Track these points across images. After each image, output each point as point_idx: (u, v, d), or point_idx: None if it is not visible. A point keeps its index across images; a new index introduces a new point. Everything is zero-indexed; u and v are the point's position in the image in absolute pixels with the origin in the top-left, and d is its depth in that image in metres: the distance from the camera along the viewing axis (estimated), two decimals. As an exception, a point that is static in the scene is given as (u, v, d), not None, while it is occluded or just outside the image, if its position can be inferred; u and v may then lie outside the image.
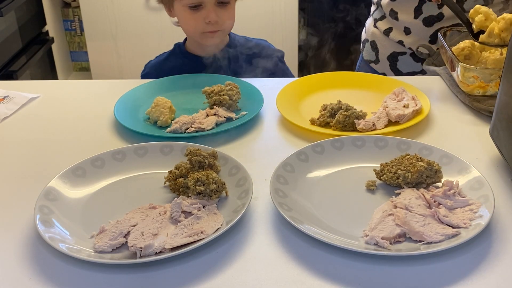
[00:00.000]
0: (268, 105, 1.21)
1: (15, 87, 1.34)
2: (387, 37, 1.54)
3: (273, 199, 0.86)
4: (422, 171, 0.90)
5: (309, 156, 0.99)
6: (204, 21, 1.40)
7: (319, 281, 0.75)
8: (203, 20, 1.40)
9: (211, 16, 1.39)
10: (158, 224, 0.84)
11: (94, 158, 0.99)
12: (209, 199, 0.89)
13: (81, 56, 3.51)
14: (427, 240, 0.79)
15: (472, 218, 0.83)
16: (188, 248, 0.78)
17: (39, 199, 0.88)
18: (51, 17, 3.21)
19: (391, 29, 1.53)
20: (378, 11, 1.57)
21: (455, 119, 1.15)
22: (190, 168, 0.93)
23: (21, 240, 0.83)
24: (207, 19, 1.39)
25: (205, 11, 1.40)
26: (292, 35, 3.11)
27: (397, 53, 1.54)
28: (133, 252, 0.79)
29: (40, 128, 1.17)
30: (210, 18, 1.39)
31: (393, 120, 1.11)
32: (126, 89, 1.27)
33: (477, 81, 1.16)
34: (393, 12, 1.51)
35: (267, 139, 1.12)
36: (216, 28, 1.42)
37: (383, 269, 0.77)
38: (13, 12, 2.65)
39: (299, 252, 0.80)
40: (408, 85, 1.24)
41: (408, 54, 1.53)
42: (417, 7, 1.46)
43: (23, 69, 2.68)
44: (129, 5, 3.07)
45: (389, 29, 1.54)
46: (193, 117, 1.15)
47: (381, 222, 0.83)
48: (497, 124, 0.96)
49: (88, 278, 0.76)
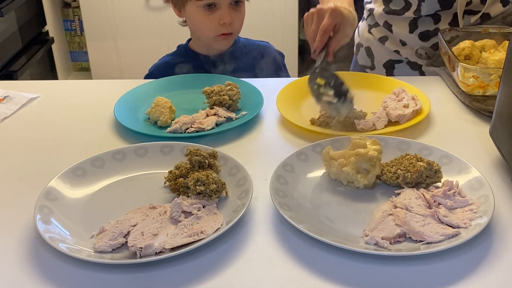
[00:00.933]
0: (268, 105, 1.21)
1: (15, 87, 1.34)
2: (383, 45, 1.51)
3: (273, 199, 0.86)
4: (422, 171, 0.90)
5: (309, 156, 0.99)
6: (219, 22, 1.40)
7: (319, 281, 0.75)
8: (217, 21, 1.40)
9: (226, 17, 1.39)
10: (158, 224, 0.84)
11: (94, 158, 0.99)
12: (209, 199, 0.89)
13: (81, 56, 3.51)
14: (427, 240, 0.79)
15: (472, 218, 0.83)
16: (188, 248, 0.78)
17: (39, 199, 0.88)
18: (51, 17, 3.21)
19: (386, 38, 1.49)
20: (371, 18, 1.54)
21: (455, 119, 1.15)
22: (190, 168, 0.93)
23: (21, 240, 0.83)
24: (222, 20, 1.40)
25: (220, 12, 1.40)
26: (292, 35, 3.11)
27: (393, 61, 1.50)
28: (133, 252, 0.79)
29: (40, 128, 1.17)
30: (224, 19, 1.39)
31: (393, 120, 1.11)
32: (126, 89, 1.27)
33: (477, 81, 1.16)
34: (387, 24, 1.47)
35: (267, 139, 1.12)
36: (229, 30, 1.42)
37: (383, 269, 0.77)
38: (13, 12, 2.65)
39: (299, 252, 0.80)
40: (408, 85, 1.23)
41: (405, 62, 1.49)
42: (412, 22, 1.42)
43: (23, 69, 2.68)
44: (129, 5, 3.07)
45: (384, 37, 1.50)
46: (193, 117, 1.15)
47: (381, 222, 0.83)
48: (497, 124, 0.96)
49: (88, 278, 0.76)
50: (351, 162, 0.92)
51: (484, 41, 1.30)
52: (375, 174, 0.91)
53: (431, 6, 1.37)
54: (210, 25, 1.41)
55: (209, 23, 1.41)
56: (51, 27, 3.17)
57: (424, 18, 1.41)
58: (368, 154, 0.92)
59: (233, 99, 1.19)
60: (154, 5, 3.04)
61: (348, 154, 0.93)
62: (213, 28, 1.41)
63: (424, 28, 1.42)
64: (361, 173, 0.91)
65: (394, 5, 1.44)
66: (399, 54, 1.49)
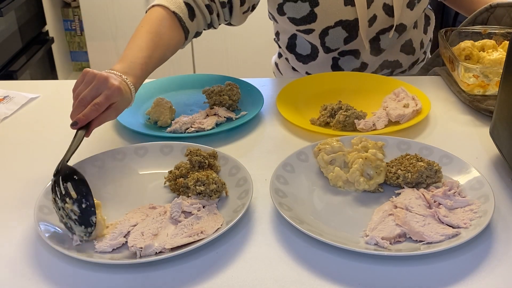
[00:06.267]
0: (268, 105, 1.21)
1: (15, 87, 1.34)
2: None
3: (273, 199, 0.86)
4: (422, 171, 0.90)
5: (309, 156, 0.99)
6: None
7: (319, 281, 0.75)
8: None
9: None
10: (158, 224, 0.84)
11: (94, 158, 0.99)
12: (209, 199, 0.89)
13: (81, 56, 3.51)
14: (427, 240, 0.79)
15: (472, 218, 0.83)
16: (188, 248, 0.78)
17: (39, 199, 0.88)
18: (51, 17, 3.21)
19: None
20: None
21: (455, 119, 1.15)
22: (190, 168, 0.93)
23: (21, 240, 0.83)
24: None
25: None
26: (292, 35, 3.11)
27: None
28: (133, 252, 0.79)
29: (40, 128, 1.17)
30: None
31: (393, 120, 1.11)
32: (126, 89, 1.26)
33: (477, 81, 1.16)
34: (309, 74, 1.42)
35: (267, 139, 1.12)
36: None
37: (383, 269, 0.77)
38: (13, 12, 2.65)
39: (299, 252, 0.80)
40: (408, 85, 1.23)
41: None
42: (334, 65, 1.38)
43: (23, 69, 2.68)
44: (129, 5, 3.08)
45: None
46: (193, 117, 1.15)
47: (381, 222, 0.83)
48: (497, 124, 0.96)
49: (88, 278, 0.76)
50: (359, 163, 0.92)
51: (484, 41, 1.30)
52: (378, 182, 0.91)
53: (336, 42, 1.33)
54: None
55: None
56: (51, 27, 3.17)
57: (343, 59, 1.37)
58: (376, 161, 0.92)
59: (233, 99, 1.19)
60: (154, 5, 3.04)
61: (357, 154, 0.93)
62: None
63: (350, 67, 1.39)
64: (364, 177, 0.91)
65: (302, 50, 1.40)
66: None
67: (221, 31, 2.83)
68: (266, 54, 3.20)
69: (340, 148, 0.96)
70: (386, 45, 1.36)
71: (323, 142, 0.98)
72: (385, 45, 1.36)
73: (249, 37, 3.10)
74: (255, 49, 3.13)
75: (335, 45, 1.34)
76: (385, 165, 0.93)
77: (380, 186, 0.93)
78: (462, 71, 1.17)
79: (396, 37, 1.36)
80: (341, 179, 0.92)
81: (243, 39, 3.10)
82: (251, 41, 3.10)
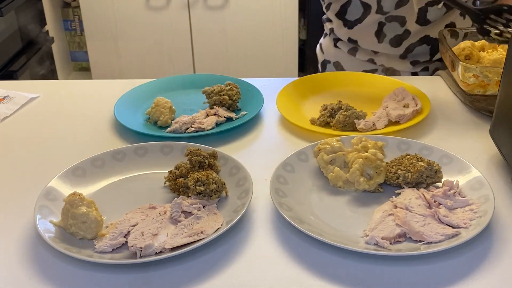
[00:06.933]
0: (268, 105, 1.21)
1: (15, 87, 1.34)
2: (354, 57, 1.46)
3: (273, 199, 0.86)
4: (422, 171, 0.90)
5: (309, 156, 0.99)
6: None
7: (319, 281, 0.75)
8: None
9: None
10: (158, 224, 0.84)
11: (94, 158, 0.99)
12: (209, 199, 0.89)
13: (81, 56, 3.51)
14: (427, 240, 0.79)
15: (472, 218, 0.83)
16: (188, 248, 0.78)
17: (39, 199, 0.88)
18: (51, 17, 3.21)
19: (356, 49, 1.46)
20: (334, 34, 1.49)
21: (455, 119, 1.15)
22: (190, 168, 0.93)
23: (21, 240, 0.83)
24: None
25: None
26: (292, 35, 3.11)
27: (368, 72, 1.44)
28: (133, 252, 0.79)
29: (40, 128, 1.17)
30: None
31: (393, 120, 1.11)
32: (126, 89, 1.27)
33: (477, 81, 1.16)
34: (352, 40, 1.44)
35: (267, 139, 1.12)
36: None
37: (383, 269, 0.77)
38: (13, 12, 2.65)
39: (299, 252, 0.80)
40: (408, 85, 1.23)
41: (380, 70, 1.46)
42: (378, 31, 1.41)
43: (23, 69, 2.68)
44: (129, 5, 3.08)
45: (353, 49, 1.46)
46: (193, 117, 1.15)
47: (381, 222, 0.83)
48: (497, 124, 0.96)
49: (88, 278, 0.76)
50: (359, 163, 0.92)
51: (484, 41, 1.30)
52: (378, 182, 0.91)
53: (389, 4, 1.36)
54: None
55: None
56: (51, 27, 3.17)
57: (388, 24, 1.39)
58: (376, 161, 0.92)
59: (233, 99, 1.19)
60: (154, 5, 3.04)
61: (357, 154, 0.93)
62: None
63: (393, 34, 1.41)
64: (364, 177, 0.91)
65: (351, 15, 1.42)
66: (373, 63, 1.46)
67: (221, 31, 2.86)
68: (266, 54, 3.20)
69: (340, 148, 0.96)
70: (432, 17, 1.38)
71: (323, 142, 0.98)
72: (432, 17, 1.38)
73: (249, 37, 3.10)
74: (255, 49, 3.13)
75: (388, 7, 1.37)
76: (385, 165, 0.93)
77: (380, 186, 0.93)
78: (462, 71, 1.17)
79: (444, 12, 1.38)
80: (341, 179, 0.92)
81: (243, 39, 3.10)
82: (250, 41, 3.10)
